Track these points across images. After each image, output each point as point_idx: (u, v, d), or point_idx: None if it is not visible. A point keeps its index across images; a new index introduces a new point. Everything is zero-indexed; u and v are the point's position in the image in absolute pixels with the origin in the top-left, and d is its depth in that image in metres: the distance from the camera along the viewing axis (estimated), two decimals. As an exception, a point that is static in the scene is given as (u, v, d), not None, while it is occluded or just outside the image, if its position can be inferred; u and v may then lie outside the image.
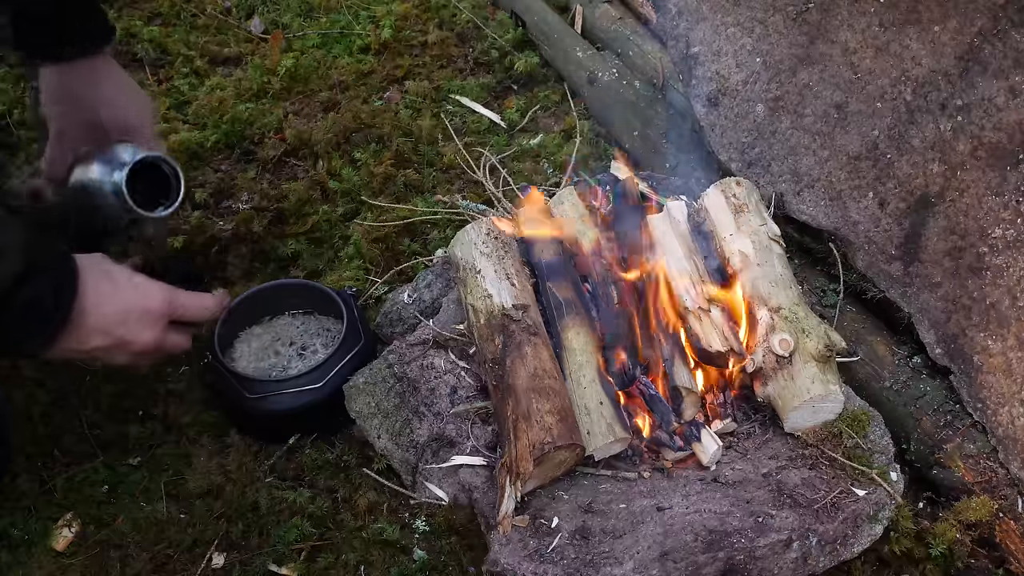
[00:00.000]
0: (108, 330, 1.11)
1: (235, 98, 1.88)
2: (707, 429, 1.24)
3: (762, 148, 1.48)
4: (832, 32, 1.41)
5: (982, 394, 1.24)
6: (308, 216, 1.66)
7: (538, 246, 1.38)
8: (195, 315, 1.23)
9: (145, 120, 1.38)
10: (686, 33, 1.59)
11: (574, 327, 1.28)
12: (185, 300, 1.21)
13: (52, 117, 1.34)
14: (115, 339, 1.12)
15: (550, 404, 1.16)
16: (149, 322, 1.15)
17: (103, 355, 1.14)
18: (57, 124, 1.33)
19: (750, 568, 1.08)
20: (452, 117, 1.89)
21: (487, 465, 1.22)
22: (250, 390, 1.31)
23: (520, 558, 1.09)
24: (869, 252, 1.37)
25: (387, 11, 2.14)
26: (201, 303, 1.25)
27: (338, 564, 1.22)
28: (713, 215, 1.39)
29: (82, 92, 1.32)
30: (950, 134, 1.28)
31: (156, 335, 1.16)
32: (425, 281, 1.45)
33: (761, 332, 1.26)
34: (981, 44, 1.25)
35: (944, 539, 1.18)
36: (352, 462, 1.33)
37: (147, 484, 1.30)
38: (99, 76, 1.34)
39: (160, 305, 1.17)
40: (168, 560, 1.22)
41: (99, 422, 1.36)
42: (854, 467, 1.18)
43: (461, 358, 1.33)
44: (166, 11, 2.14)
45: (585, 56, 1.93)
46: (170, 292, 1.19)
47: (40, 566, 1.20)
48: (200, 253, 1.60)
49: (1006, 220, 1.22)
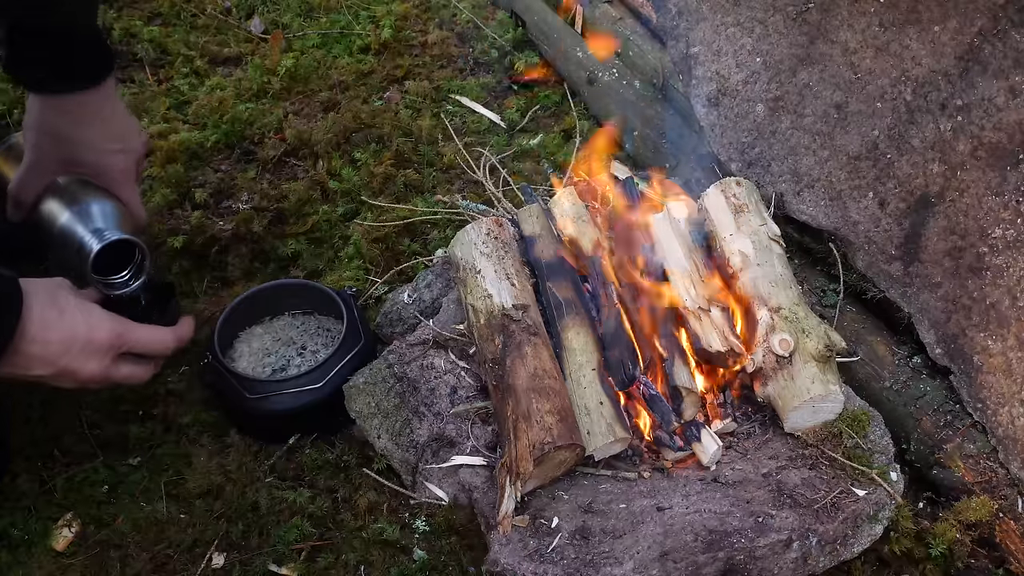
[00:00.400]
0: (51, 359, 1.09)
1: (235, 98, 1.88)
2: (707, 429, 1.24)
3: (762, 148, 1.48)
4: (832, 32, 1.41)
5: (982, 394, 1.24)
6: (308, 216, 1.66)
7: (538, 246, 1.38)
8: (149, 350, 1.20)
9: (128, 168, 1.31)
10: (686, 33, 1.59)
11: (574, 327, 1.28)
12: (139, 335, 1.18)
13: (29, 145, 1.27)
14: (58, 369, 1.10)
15: (550, 404, 1.16)
16: (93, 353, 1.13)
17: (48, 381, 1.13)
18: (33, 154, 1.27)
19: (750, 568, 1.08)
20: (452, 117, 1.89)
21: (487, 465, 1.22)
22: (250, 390, 1.31)
23: (520, 558, 1.09)
24: (869, 252, 1.37)
25: (387, 11, 2.14)
26: (157, 338, 1.21)
27: (338, 564, 1.22)
28: (713, 215, 1.39)
29: (66, 132, 1.25)
30: (950, 134, 1.28)
31: (101, 366, 1.14)
32: (425, 281, 1.45)
33: (761, 332, 1.26)
34: (981, 44, 1.25)
35: (944, 539, 1.18)
36: (352, 462, 1.33)
37: (147, 484, 1.30)
38: (87, 115, 1.26)
39: (107, 337, 1.14)
40: (168, 560, 1.22)
41: (99, 422, 1.36)
42: (854, 467, 1.18)
43: (461, 358, 1.33)
44: (166, 11, 2.14)
45: (585, 56, 1.93)
46: (121, 325, 1.16)
47: (40, 566, 1.20)
48: (200, 253, 1.60)
49: (1006, 220, 1.22)
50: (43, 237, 1.27)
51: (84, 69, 1.25)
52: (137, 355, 1.20)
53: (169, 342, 1.23)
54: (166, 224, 1.63)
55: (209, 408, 1.39)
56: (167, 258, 1.58)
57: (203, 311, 1.50)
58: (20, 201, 1.29)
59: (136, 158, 1.33)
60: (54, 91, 1.24)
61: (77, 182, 1.28)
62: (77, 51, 1.25)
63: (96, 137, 1.27)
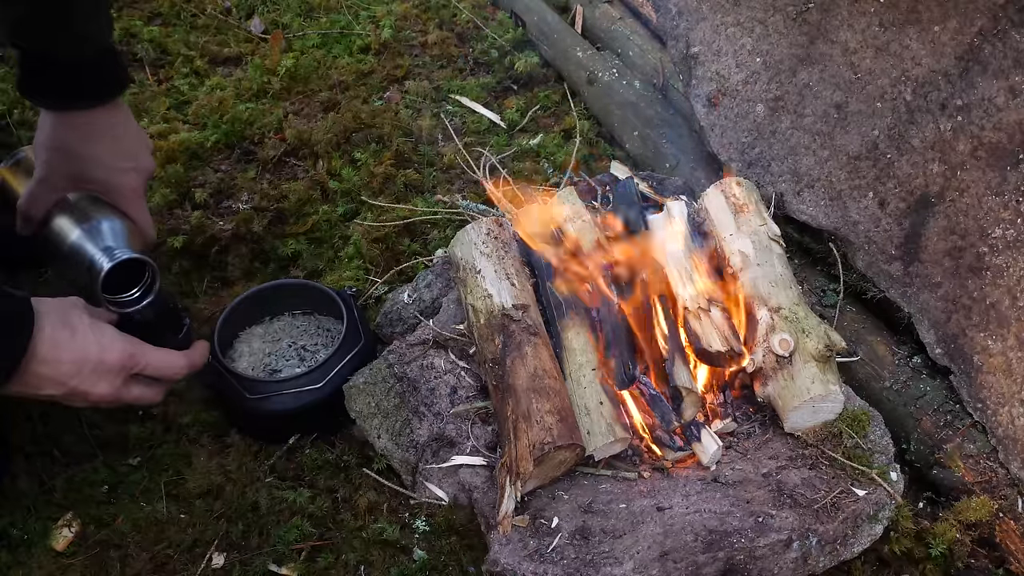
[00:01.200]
0: (61, 380, 1.09)
1: (235, 98, 1.88)
2: (707, 429, 1.24)
3: (762, 148, 1.48)
4: (832, 32, 1.41)
5: (982, 394, 1.24)
6: (308, 216, 1.66)
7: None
8: (162, 373, 1.20)
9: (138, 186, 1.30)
10: (686, 33, 1.59)
11: (574, 327, 1.28)
12: (152, 358, 1.17)
13: (40, 160, 1.26)
14: (68, 389, 1.10)
15: (550, 404, 1.16)
16: (105, 374, 1.12)
17: (58, 400, 1.12)
18: (43, 170, 1.26)
19: (750, 568, 1.08)
20: (452, 117, 1.89)
21: (487, 465, 1.22)
22: (250, 390, 1.31)
23: (520, 558, 1.09)
24: (869, 252, 1.37)
25: (387, 11, 2.14)
26: (169, 362, 1.20)
27: (338, 564, 1.22)
28: (713, 215, 1.39)
29: (76, 148, 1.25)
30: (950, 134, 1.28)
31: (112, 387, 1.13)
32: (425, 281, 1.45)
33: (761, 332, 1.26)
34: (981, 44, 1.25)
35: (944, 539, 1.18)
36: (352, 462, 1.33)
37: (147, 484, 1.30)
38: (97, 131, 1.26)
39: (119, 358, 1.13)
40: (168, 560, 1.22)
41: (99, 422, 1.36)
42: (854, 467, 1.18)
43: (461, 358, 1.33)
44: (166, 11, 2.14)
45: (585, 56, 1.93)
46: (133, 347, 1.15)
47: (40, 566, 1.19)
48: (200, 253, 1.60)
49: (1006, 220, 1.22)
50: (52, 252, 1.27)
51: (95, 87, 1.25)
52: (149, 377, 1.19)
53: (182, 366, 1.22)
54: (166, 224, 1.63)
55: (209, 408, 1.39)
56: (167, 258, 1.58)
57: (203, 311, 1.50)
58: (30, 216, 1.29)
59: (146, 176, 1.33)
60: (65, 108, 1.24)
61: (87, 199, 1.28)
62: (89, 69, 1.24)
63: (106, 154, 1.27)
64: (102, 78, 1.26)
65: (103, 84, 1.26)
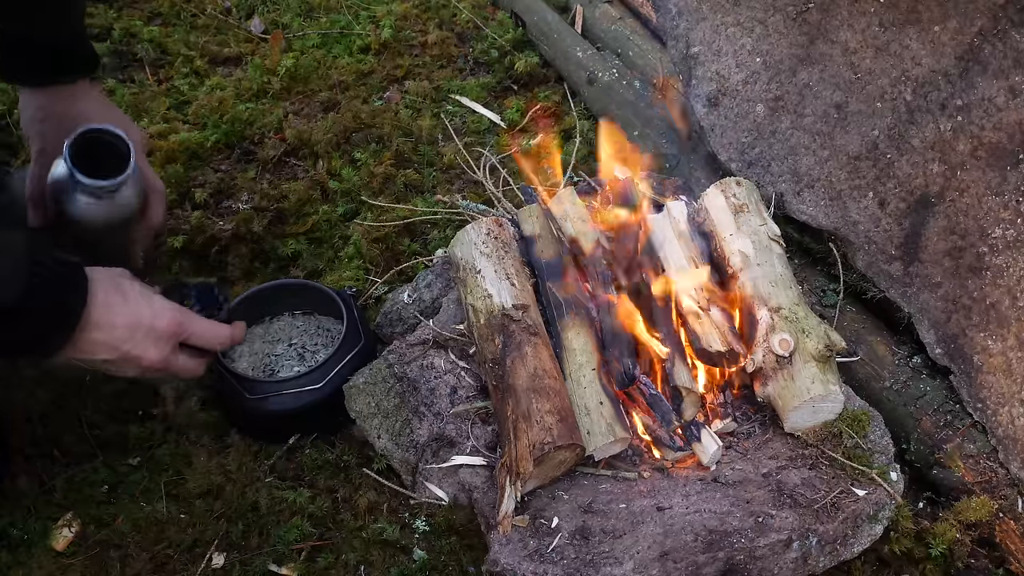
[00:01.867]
0: (115, 344, 1.12)
1: (235, 98, 1.88)
2: (707, 429, 1.24)
3: (762, 148, 1.48)
4: (832, 32, 1.41)
5: (982, 394, 1.24)
6: (308, 216, 1.66)
7: (538, 246, 1.38)
8: (207, 342, 1.23)
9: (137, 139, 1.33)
10: (686, 33, 1.59)
11: (574, 327, 1.28)
12: (198, 327, 1.21)
13: (33, 136, 1.32)
14: (121, 353, 1.13)
15: (550, 404, 1.16)
16: (156, 340, 1.15)
17: (110, 367, 1.15)
18: (38, 143, 1.32)
19: (750, 568, 1.08)
20: (452, 117, 1.89)
21: (487, 465, 1.22)
22: (250, 390, 1.31)
23: (520, 558, 1.09)
24: (869, 252, 1.37)
25: (387, 11, 2.14)
26: (215, 331, 1.24)
27: (338, 564, 1.22)
28: (713, 215, 1.39)
29: (63, 110, 1.31)
30: (950, 134, 1.28)
31: (163, 354, 1.16)
32: (425, 281, 1.45)
33: (761, 332, 1.26)
34: (981, 44, 1.25)
35: (944, 539, 1.18)
36: (352, 462, 1.33)
37: (147, 484, 1.30)
38: (79, 97, 1.32)
39: (169, 325, 1.16)
40: (168, 560, 1.22)
41: (99, 422, 1.36)
42: (854, 467, 1.18)
43: (461, 358, 1.33)
44: (166, 11, 2.14)
45: (585, 56, 1.93)
46: (182, 315, 1.19)
47: (40, 566, 1.20)
48: (200, 253, 1.60)
49: (1006, 220, 1.22)
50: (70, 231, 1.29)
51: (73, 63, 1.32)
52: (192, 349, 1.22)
53: (226, 336, 1.26)
54: (166, 224, 1.63)
55: (209, 408, 1.39)
56: (167, 258, 1.58)
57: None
58: (36, 194, 1.31)
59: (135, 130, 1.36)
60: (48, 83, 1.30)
61: None
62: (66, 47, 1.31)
63: (97, 114, 1.32)
64: (81, 56, 1.33)
65: (83, 61, 1.33)
